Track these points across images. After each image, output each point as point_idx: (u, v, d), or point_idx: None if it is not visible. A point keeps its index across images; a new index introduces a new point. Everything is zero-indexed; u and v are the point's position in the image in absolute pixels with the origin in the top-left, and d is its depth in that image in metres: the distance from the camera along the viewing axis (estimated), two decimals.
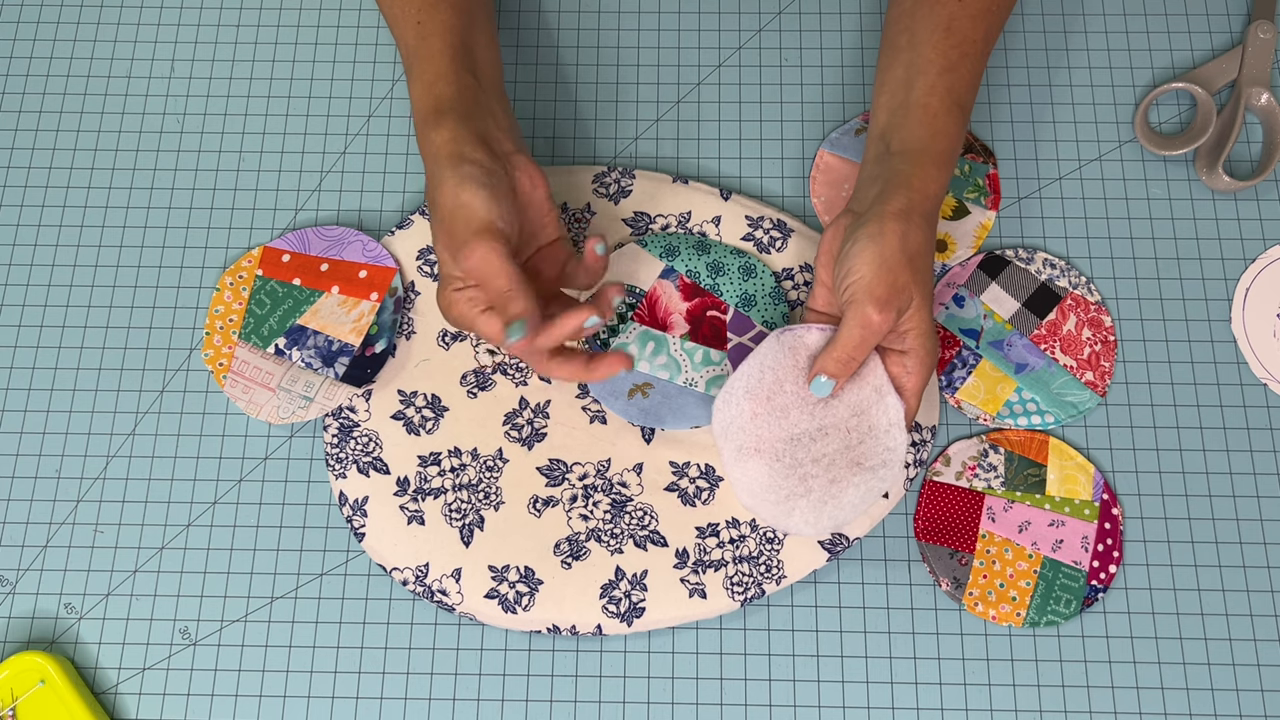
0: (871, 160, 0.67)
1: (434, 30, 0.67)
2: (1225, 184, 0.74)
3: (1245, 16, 0.79)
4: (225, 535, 0.69)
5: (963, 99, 0.67)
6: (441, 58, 0.66)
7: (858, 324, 0.62)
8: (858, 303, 0.62)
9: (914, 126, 0.66)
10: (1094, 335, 0.72)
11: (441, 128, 0.63)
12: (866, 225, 0.62)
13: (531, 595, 0.67)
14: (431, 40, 0.66)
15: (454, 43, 0.66)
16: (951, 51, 0.67)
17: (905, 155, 0.65)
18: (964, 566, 0.68)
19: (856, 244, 0.62)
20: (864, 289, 0.61)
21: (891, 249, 0.62)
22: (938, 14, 0.67)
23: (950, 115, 0.66)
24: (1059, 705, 0.65)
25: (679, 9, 0.81)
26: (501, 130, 0.65)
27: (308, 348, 0.71)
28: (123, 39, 0.81)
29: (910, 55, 0.67)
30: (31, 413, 0.72)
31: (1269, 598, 0.67)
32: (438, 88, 0.65)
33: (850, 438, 0.64)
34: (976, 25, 0.68)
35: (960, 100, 0.67)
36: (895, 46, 0.69)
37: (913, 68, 0.67)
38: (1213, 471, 0.70)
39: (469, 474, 0.69)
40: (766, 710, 0.66)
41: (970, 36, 0.67)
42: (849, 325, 0.62)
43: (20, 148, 0.78)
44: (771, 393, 0.65)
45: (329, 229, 0.75)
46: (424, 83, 0.65)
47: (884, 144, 0.66)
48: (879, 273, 0.61)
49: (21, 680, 0.65)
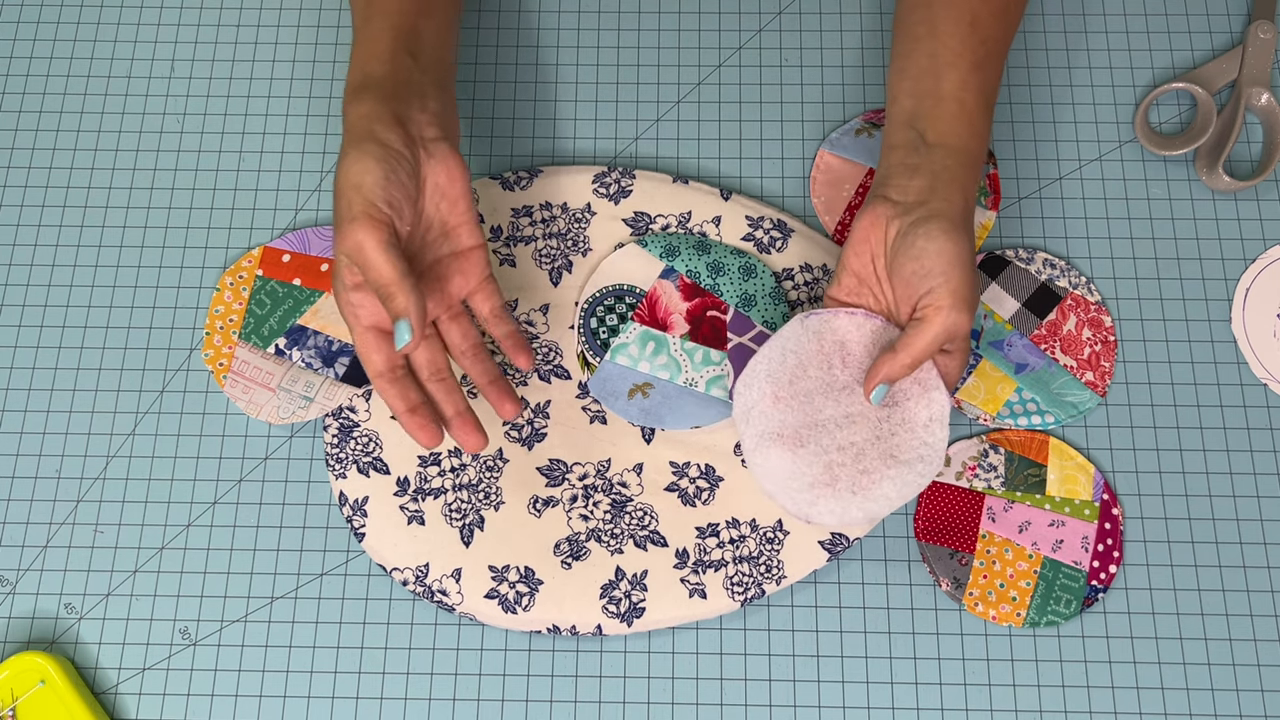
0: (903, 147, 0.64)
1: (381, 10, 0.65)
2: (1225, 184, 0.74)
3: (1245, 16, 0.79)
4: (225, 535, 0.69)
5: (991, 99, 0.65)
6: (382, 38, 0.63)
7: (942, 328, 0.59)
8: (944, 307, 0.59)
9: (950, 120, 0.63)
10: (1094, 335, 0.72)
11: (359, 103, 0.60)
12: (935, 222, 0.60)
13: (531, 595, 0.67)
14: (376, 20, 0.64)
15: (398, 24, 0.64)
16: (979, 48, 0.64)
17: (948, 151, 0.63)
18: (964, 566, 0.68)
19: (932, 242, 0.60)
20: (951, 292, 0.59)
21: (968, 250, 0.60)
22: (959, 8, 0.65)
23: (985, 116, 0.64)
24: (1059, 705, 0.65)
25: (679, 9, 0.81)
26: (427, 114, 0.61)
27: (308, 348, 0.71)
28: (123, 39, 0.81)
29: (933, 45, 0.65)
30: (31, 413, 0.72)
31: (1269, 598, 0.67)
32: (369, 65, 0.62)
33: (882, 428, 0.63)
34: (998, 23, 0.66)
35: (990, 100, 0.65)
36: (914, 35, 0.66)
37: (938, 59, 0.64)
38: (1213, 471, 0.70)
39: (469, 474, 0.69)
40: (766, 710, 0.66)
41: (994, 34, 0.65)
42: (930, 328, 0.60)
43: (20, 148, 0.78)
44: (794, 377, 0.64)
45: (329, 229, 0.75)
46: (358, 60, 0.63)
47: (915, 131, 0.64)
48: (964, 275, 0.59)
49: (21, 680, 0.65)
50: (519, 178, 0.75)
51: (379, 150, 0.58)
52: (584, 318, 0.72)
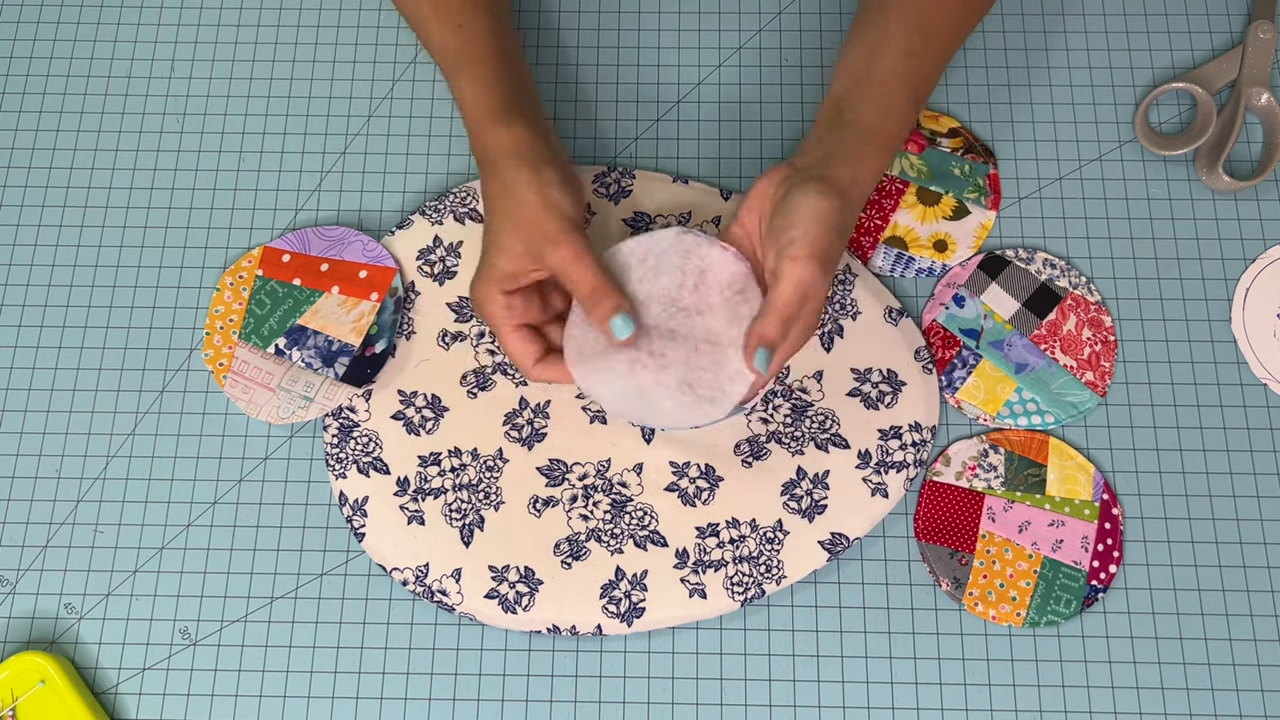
0: (823, 124, 0.66)
1: (478, 35, 0.67)
2: (1225, 184, 0.74)
3: (1245, 16, 0.79)
4: (225, 535, 0.69)
5: (920, 86, 0.67)
6: (493, 63, 0.66)
7: (797, 280, 0.59)
8: (800, 259, 0.59)
9: (868, 103, 0.65)
10: (1094, 335, 0.72)
11: (515, 127, 0.64)
12: (813, 183, 0.61)
13: (531, 595, 0.67)
14: (479, 44, 0.67)
15: (497, 47, 0.67)
16: (915, 36, 0.66)
17: (859, 130, 0.65)
18: (964, 566, 0.68)
19: (805, 197, 0.61)
20: (808, 245, 0.60)
21: (836, 213, 0.61)
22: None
23: (907, 100, 0.66)
24: (1059, 705, 0.65)
25: (679, 9, 0.81)
26: (555, 136, 0.66)
27: (308, 348, 0.71)
28: (123, 39, 0.81)
29: (880, 33, 0.67)
30: (31, 413, 0.72)
31: (1269, 598, 0.67)
32: (499, 90, 0.65)
33: (693, 360, 0.63)
34: (950, 15, 0.68)
35: (917, 86, 0.67)
36: (868, 23, 0.68)
37: (880, 43, 0.66)
38: (1213, 471, 0.70)
39: (469, 474, 0.69)
40: (766, 710, 0.66)
41: (939, 28, 0.67)
42: (786, 281, 0.60)
43: (20, 148, 0.78)
44: (644, 276, 0.65)
45: (329, 229, 0.75)
46: (482, 84, 0.66)
47: (837, 110, 0.66)
48: (826, 232, 0.60)
49: (21, 680, 0.65)
50: None
51: (558, 174, 0.63)
52: None
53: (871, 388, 0.70)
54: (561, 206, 0.62)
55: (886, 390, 0.70)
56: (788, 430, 0.69)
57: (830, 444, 0.69)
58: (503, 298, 0.64)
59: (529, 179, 0.63)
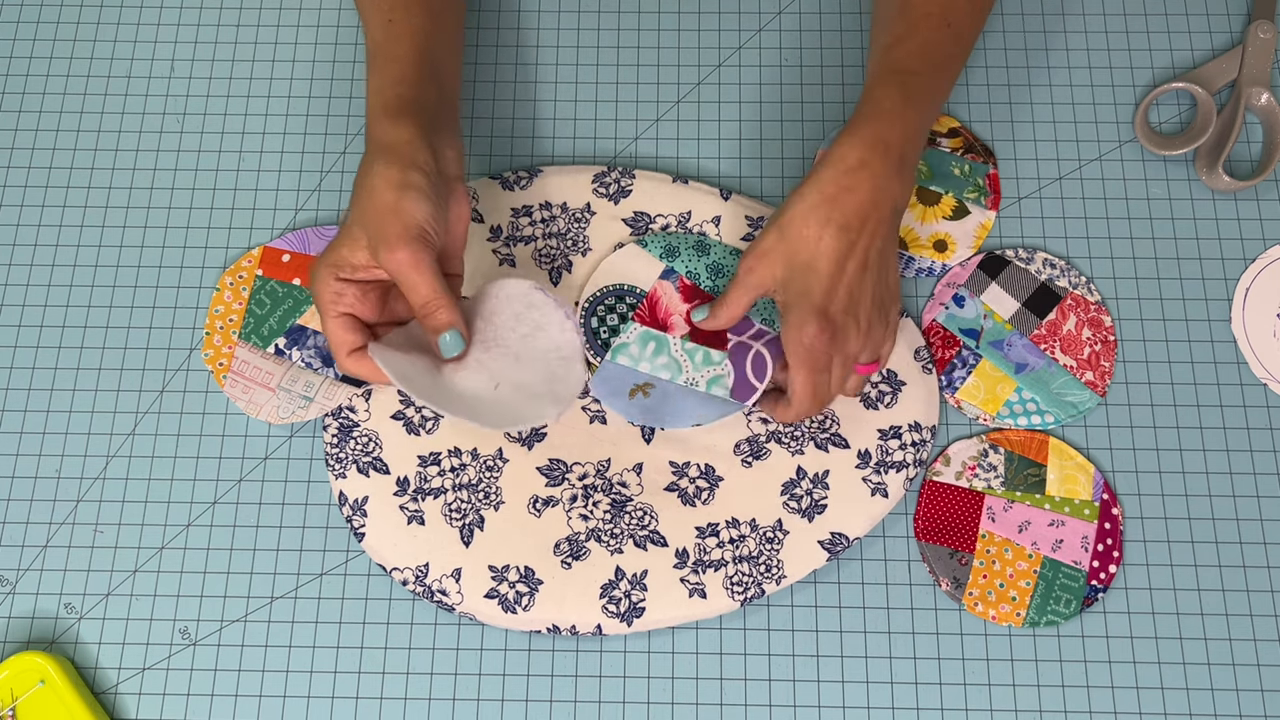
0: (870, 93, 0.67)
1: (404, 32, 0.66)
2: (1225, 184, 0.74)
3: (1245, 16, 0.79)
4: (225, 535, 0.69)
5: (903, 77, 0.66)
6: (408, 61, 0.66)
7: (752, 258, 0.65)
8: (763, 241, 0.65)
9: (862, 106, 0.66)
10: (1094, 335, 0.72)
11: (401, 126, 0.63)
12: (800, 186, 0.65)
13: (531, 595, 0.67)
14: (402, 41, 0.66)
15: (422, 47, 0.66)
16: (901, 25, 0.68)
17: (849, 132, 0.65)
18: (964, 566, 0.68)
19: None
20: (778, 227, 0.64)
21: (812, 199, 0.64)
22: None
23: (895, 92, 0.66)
24: (1059, 705, 0.65)
25: (679, 9, 0.81)
26: (453, 152, 0.65)
27: (308, 348, 0.71)
28: (123, 39, 0.81)
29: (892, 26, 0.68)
30: (31, 413, 0.72)
31: (1269, 598, 0.67)
32: (401, 88, 0.65)
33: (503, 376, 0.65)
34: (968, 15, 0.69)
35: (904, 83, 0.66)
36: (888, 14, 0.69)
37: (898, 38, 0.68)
38: (1213, 471, 0.70)
39: (469, 474, 0.69)
40: (766, 710, 0.66)
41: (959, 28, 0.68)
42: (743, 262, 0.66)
43: (20, 148, 0.78)
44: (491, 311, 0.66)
45: (329, 229, 0.75)
46: (388, 78, 0.65)
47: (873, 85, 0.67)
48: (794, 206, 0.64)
49: (21, 680, 0.65)
50: (519, 178, 0.75)
51: (424, 182, 0.62)
52: (584, 318, 0.72)
53: (871, 387, 0.70)
54: (414, 214, 0.61)
55: (886, 390, 0.70)
56: (788, 430, 0.69)
57: (830, 444, 0.69)
58: (335, 283, 0.62)
59: (392, 179, 0.61)
